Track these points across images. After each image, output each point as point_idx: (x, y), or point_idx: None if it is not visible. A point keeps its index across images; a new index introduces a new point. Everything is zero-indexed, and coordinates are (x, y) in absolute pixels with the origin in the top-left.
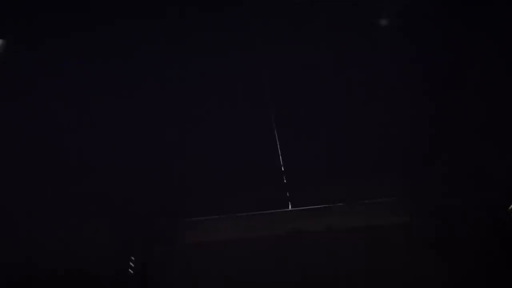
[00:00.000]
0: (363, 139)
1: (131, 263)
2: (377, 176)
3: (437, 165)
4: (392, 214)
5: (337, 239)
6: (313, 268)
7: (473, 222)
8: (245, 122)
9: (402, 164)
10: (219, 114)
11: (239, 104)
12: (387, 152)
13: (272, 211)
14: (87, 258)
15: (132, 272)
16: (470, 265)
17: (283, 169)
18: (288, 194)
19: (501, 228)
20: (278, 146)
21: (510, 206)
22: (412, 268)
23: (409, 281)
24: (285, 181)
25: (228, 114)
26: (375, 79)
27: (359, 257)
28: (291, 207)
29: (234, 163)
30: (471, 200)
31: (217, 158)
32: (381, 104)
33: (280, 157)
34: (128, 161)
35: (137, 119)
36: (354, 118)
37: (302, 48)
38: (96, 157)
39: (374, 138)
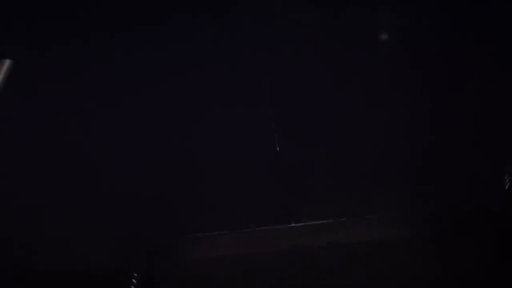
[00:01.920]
0: (362, 152)
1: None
2: (377, 190)
3: (437, 169)
4: (394, 228)
5: (339, 254)
6: (316, 283)
7: (473, 223)
8: (245, 126)
9: (402, 176)
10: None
11: (239, 107)
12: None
13: (273, 227)
14: (87, 258)
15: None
16: (470, 266)
17: (284, 180)
18: (289, 211)
19: (501, 229)
20: (279, 152)
21: (510, 208)
22: (415, 281)
23: None
24: (287, 197)
25: (230, 120)
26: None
27: (362, 271)
28: (293, 223)
29: (236, 167)
30: (471, 202)
31: (220, 166)
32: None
33: (282, 168)
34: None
35: (138, 123)
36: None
37: (303, 50)
38: (97, 158)
39: (373, 150)
